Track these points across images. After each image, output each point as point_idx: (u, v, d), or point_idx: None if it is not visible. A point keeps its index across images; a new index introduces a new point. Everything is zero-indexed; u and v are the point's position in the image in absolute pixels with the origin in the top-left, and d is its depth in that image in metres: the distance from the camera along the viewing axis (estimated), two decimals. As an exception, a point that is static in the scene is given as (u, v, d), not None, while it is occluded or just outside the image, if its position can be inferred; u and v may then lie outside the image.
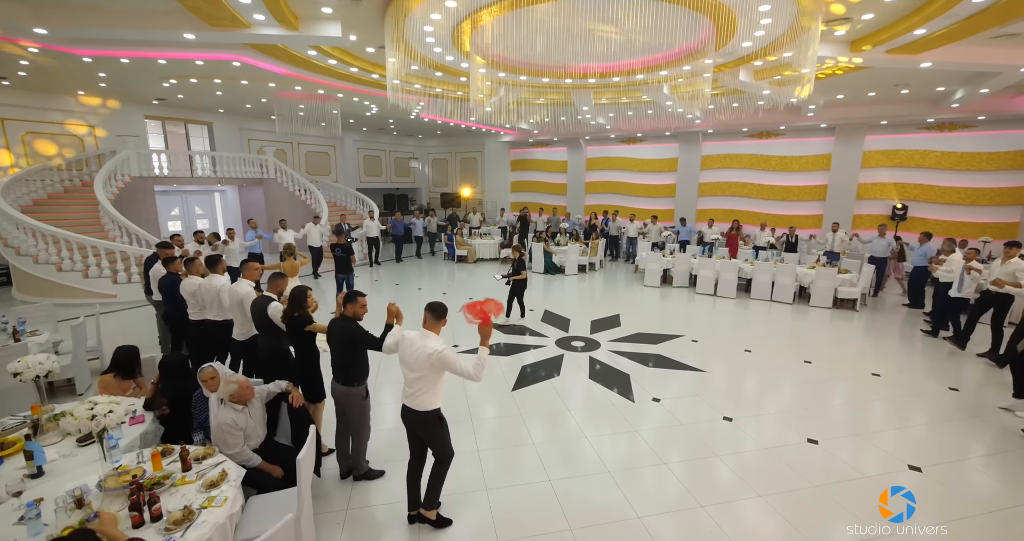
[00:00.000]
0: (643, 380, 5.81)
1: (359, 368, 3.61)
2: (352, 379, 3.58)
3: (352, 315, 3.61)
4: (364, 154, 20.48)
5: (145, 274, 6.40)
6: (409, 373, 3.14)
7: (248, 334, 4.65)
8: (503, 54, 7.64)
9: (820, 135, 13.56)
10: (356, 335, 3.56)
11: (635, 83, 9.32)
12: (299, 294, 3.89)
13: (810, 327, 8.14)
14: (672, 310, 9.23)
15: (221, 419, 3.23)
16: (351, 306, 3.60)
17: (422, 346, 3.07)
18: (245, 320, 4.57)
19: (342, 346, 3.56)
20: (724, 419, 4.86)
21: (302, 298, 3.91)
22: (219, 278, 5.15)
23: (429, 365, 3.02)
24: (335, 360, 3.61)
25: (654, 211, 15.65)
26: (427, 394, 3.12)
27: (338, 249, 8.47)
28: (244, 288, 4.60)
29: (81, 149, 12.85)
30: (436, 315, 3.18)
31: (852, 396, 5.45)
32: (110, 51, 7.67)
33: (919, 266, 8.95)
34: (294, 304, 3.88)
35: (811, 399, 5.35)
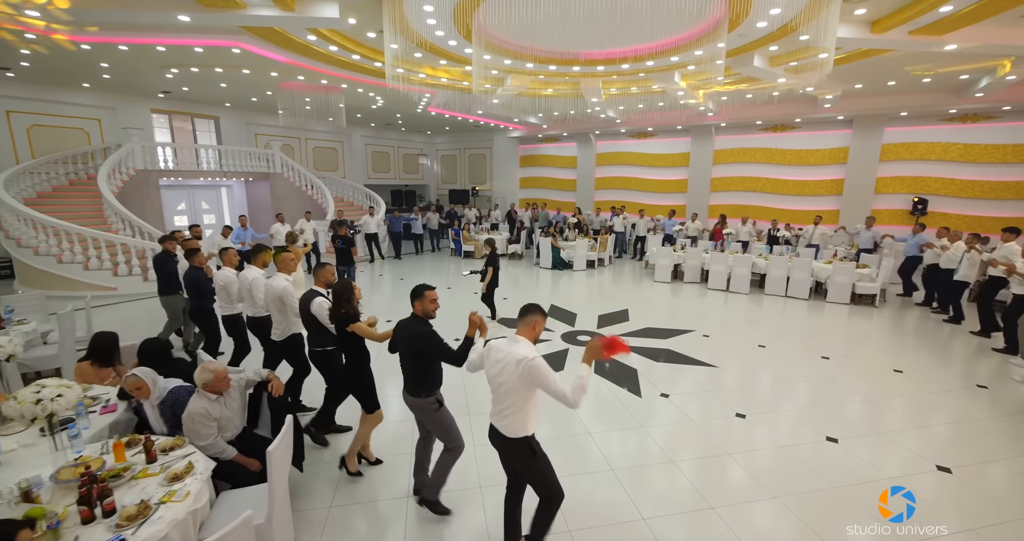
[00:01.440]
0: (652, 375, 5.52)
1: (430, 376, 3.09)
2: (420, 389, 3.07)
3: (423, 313, 3.09)
4: (372, 150, 20.34)
5: (161, 272, 6.11)
6: (495, 389, 2.64)
7: (286, 333, 4.31)
8: (507, 38, 7.37)
9: (837, 128, 13.11)
10: (431, 343, 2.98)
11: (645, 70, 9.01)
12: (343, 288, 3.47)
13: (827, 323, 7.77)
14: (683, 305, 8.90)
15: (193, 408, 3.00)
16: (419, 302, 3.08)
17: (510, 353, 2.52)
18: (283, 318, 4.25)
19: (410, 352, 3.05)
20: (737, 416, 4.55)
21: (347, 292, 3.47)
22: (253, 271, 4.79)
23: (517, 377, 2.46)
24: (404, 366, 3.14)
25: (666, 207, 15.30)
26: (516, 416, 2.57)
27: (339, 240, 8.27)
28: (281, 283, 4.23)
29: (87, 142, 12.82)
30: (528, 315, 2.62)
31: (873, 393, 5.11)
32: (107, 37, 7.53)
33: (911, 255, 9.12)
34: (339, 300, 3.46)
35: (829, 396, 5.02)
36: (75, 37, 7.48)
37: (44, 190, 11.66)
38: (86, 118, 12.78)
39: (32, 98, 11.70)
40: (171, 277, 6.06)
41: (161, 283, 6.09)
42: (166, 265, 6.01)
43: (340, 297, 3.46)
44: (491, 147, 20.76)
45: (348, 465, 3.62)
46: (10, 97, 11.40)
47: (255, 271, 4.81)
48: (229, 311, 5.14)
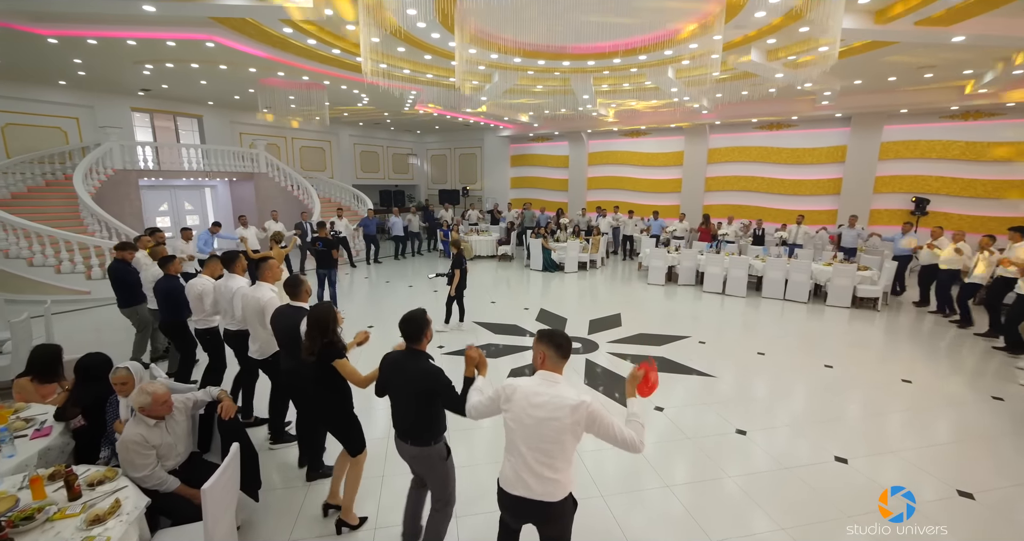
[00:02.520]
0: (644, 386, 5.19)
1: (435, 421, 2.56)
2: (428, 436, 2.54)
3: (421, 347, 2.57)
4: (361, 150, 19.96)
5: (120, 283, 5.60)
6: (532, 443, 2.04)
7: (268, 351, 3.85)
8: (492, 31, 7.05)
9: (835, 125, 12.86)
10: (440, 382, 2.46)
11: (637, 64, 8.70)
12: (322, 315, 2.88)
13: (828, 328, 7.49)
14: (677, 309, 8.60)
15: (127, 436, 2.65)
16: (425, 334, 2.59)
17: (556, 398, 2.00)
18: (265, 333, 3.76)
19: (415, 393, 2.51)
20: (737, 432, 4.24)
21: (330, 319, 2.89)
22: (237, 280, 4.28)
23: (572, 425, 1.98)
24: (397, 410, 2.61)
25: (662, 207, 15.01)
26: (565, 472, 2.08)
27: (319, 243, 7.87)
28: (267, 293, 3.77)
29: (65, 142, 12.40)
30: (562, 351, 2.10)
31: (882, 406, 4.81)
32: (74, 30, 7.16)
33: (901, 255, 9.12)
34: (319, 329, 2.85)
35: (835, 409, 4.72)
36: (40, 30, 7.12)
37: (19, 191, 11.25)
38: (63, 117, 12.35)
39: (6, 96, 11.27)
40: (132, 288, 5.59)
41: (121, 296, 5.61)
42: (125, 276, 5.55)
43: (322, 325, 2.87)
44: (481, 146, 20.42)
45: (347, 520, 3.07)
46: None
47: (239, 280, 4.29)
48: (204, 324, 4.59)
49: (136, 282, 5.60)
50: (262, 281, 3.88)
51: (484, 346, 6.44)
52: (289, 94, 11.68)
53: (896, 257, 9.14)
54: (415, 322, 2.55)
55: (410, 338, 2.57)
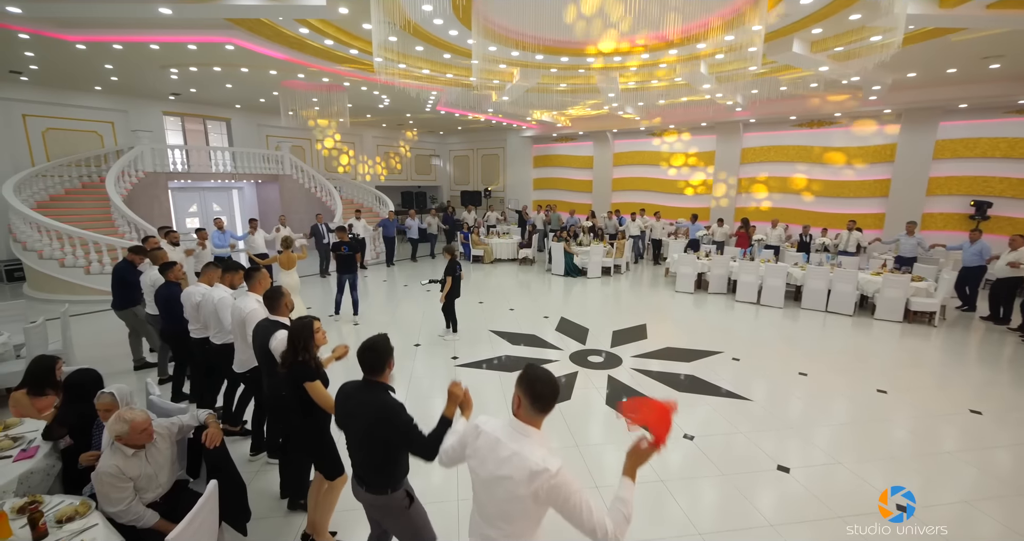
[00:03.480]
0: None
1: (391, 464, 2.20)
2: (383, 483, 2.20)
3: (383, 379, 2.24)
4: (384, 151, 19.97)
5: (120, 283, 5.55)
6: (490, 499, 1.72)
7: (248, 365, 3.71)
8: (512, 26, 6.71)
9: (883, 122, 11.96)
10: (399, 424, 2.09)
11: (667, 60, 8.21)
12: (300, 329, 2.68)
13: (878, 345, 6.84)
14: (708, 320, 8.07)
15: (102, 467, 2.44)
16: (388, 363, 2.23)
17: (517, 457, 1.64)
18: (246, 346, 3.59)
19: (369, 435, 2.16)
20: (779, 469, 3.78)
21: (305, 336, 2.68)
22: (219, 290, 4.17)
23: (530, 495, 1.60)
24: (350, 449, 2.27)
25: (689, 210, 14.38)
26: (528, 536, 1.72)
27: (344, 247, 7.60)
28: (250, 304, 3.57)
29: (100, 145, 12.76)
30: (540, 404, 1.70)
31: (950, 441, 4.24)
32: (99, 36, 7.22)
33: (972, 266, 8.23)
34: (295, 346, 2.67)
35: (895, 445, 4.18)
36: (67, 36, 7.21)
37: (56, 193, 11.62)
38: (99, 121, 12.71)
39: (46, 102, 11.66)
40: (130, 289, 5.53)
41: (117, 296, 5.54)
42: (128, 275, 5.49)
43: (295, 341, 2.68)
44: (504, 147, 20.13)
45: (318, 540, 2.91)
46: (25, 101, 11.38)
47: (222, 290, 4.18)
48: (200, 334, 4.40)
49: (135, 284, 5.53)
50: (250, 291, 3.69)
51: (498, 358, 6.12)
52: (311, 97, 11.69)
53: (967, 269, 8.24)
54: (375, 351, 2.18)
55: (370, 369, 2.21)
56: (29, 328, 5.02)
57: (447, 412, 2.15)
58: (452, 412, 2.15)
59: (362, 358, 2.19)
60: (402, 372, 5.67)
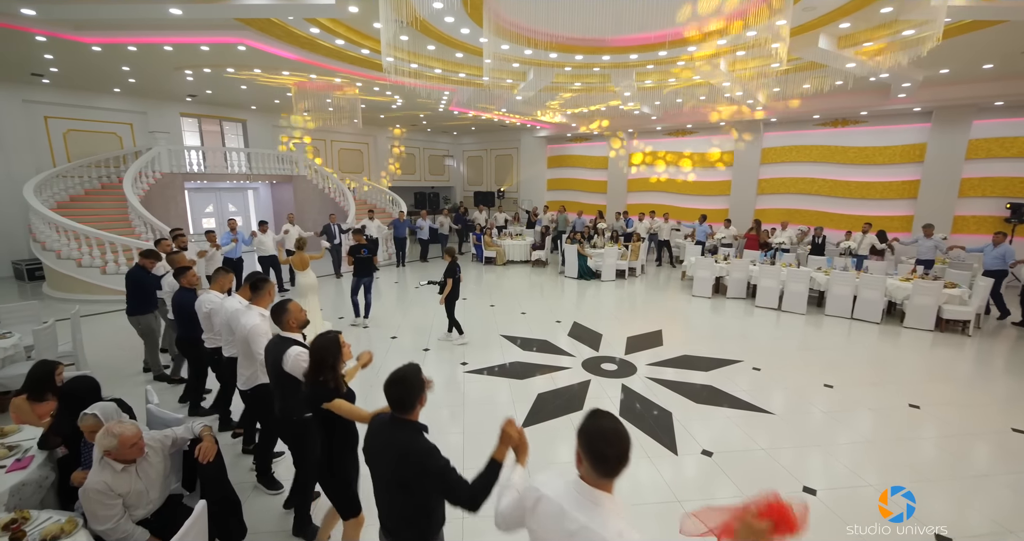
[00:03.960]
0: (690, 422, 4.55)
1: (422, 515, 1.92)
2: (407, 536, 1.95)
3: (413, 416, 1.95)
4: (398, 152, 19.98)
5: (136, 288, 5.43)
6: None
7: (253, 381, 3.45)
8: (525, 23, 6.54)
9: (912, 121, 11.49)
10: (433, 470, 1.82)
11: (685, 57, 7.95)
12: (327, 346, 2.41)
13: (909, 356, 6.50)
14: (727, 327, 7.79)
15: (89, 484, 2.34)
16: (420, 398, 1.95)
17: (587, 530, 1.37)
18: (251, 363, 3.39)
19: (396, 482, 1.88)
20: (805, 491, 3.54)
21: (331, 353, 2.42)
22: (233, 300, 3.85)
23: None
24: (376, 494, 2.02)
25: (709, 211, 14.03)
26: None
27: (363, 249, 7.34)
28: (252, 319, 3.35)
29: (120, 146, 12.94)
30: (604, 468, 1.40)
31: (992, 464, 3.95)
32: (113, 37, 7.25)
33: (993, 270, 7.87)
34: (319, 364, 2.40)
35: (931, 467, 3.89)
36: (83, 38, 7.26)
37: (76, 193, 11.79)
38: (118, 122, 12.90)
39: (67, 104, 11.86)
40: (146, 295, 5.44)
41: (132, 302, 5.40)
42: (142, 282, 5.39)
43: (322, 360, 2.41)
44: (518, 147, 19.96)
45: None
46: (47, 103, 11.58)
47: (235, 301, 3.84)
48: (214, 343, 4.21)
49: (148, 290, 5.44)
50: (254, 304, 3.47)
51: (511, 365, 5.95)
52: (325, 97, 11.68)
53: (988, 272, 7.93)
54: (404, 385, 1.89)
55: (398, 405, 1.92)
56: (38, 330, 5.00)
57: (497, 454, 1.87)
58: (503, 455, 1.88)
59: (389, 392, 1.89)
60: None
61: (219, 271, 4.31)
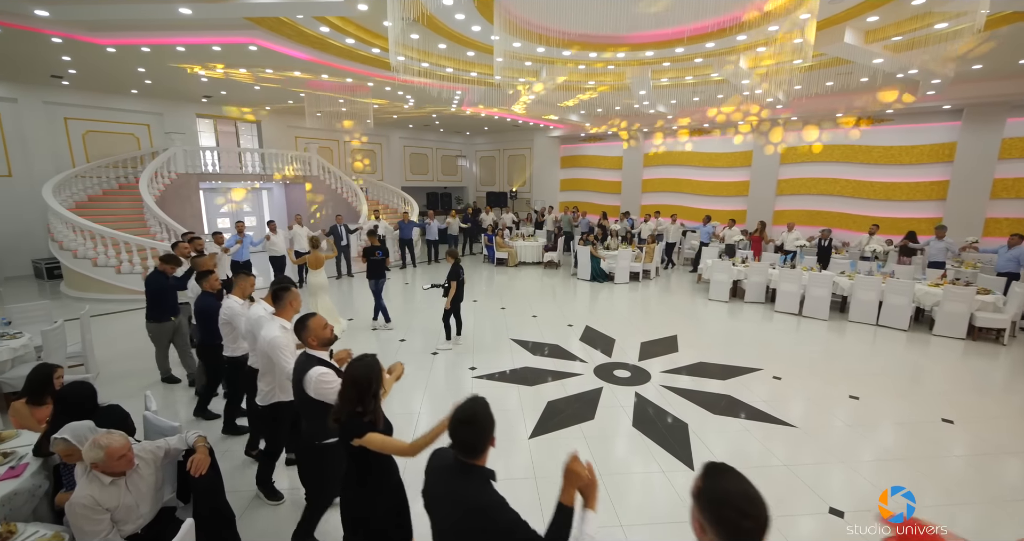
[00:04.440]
0: (707, 434, 4.34)
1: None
2: None
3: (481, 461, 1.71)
4: (411, 152, 19.99)
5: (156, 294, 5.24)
6: None
7: (271, 398, 3.22)
8: (537, 21, 6.38)
9: (941, 119, 11.05)
10: (502, 525, 1.58)
11: (703, 54, 7.71)
12: (366, 375, 2.10)
13: (940, 366, 6.18)
14: (745, 333, 7.53)
15: (76, 498, 2.24)
16: (489, 441, 1.70)
17: None
18: (269, 378, 3.19)
19: (450, 532, 1.73)
20: (832, 513, 3.32)
21: (371, 380, 2.11)
22: (258, 308, 3.54)
23: None
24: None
25: (725, 212, 13.70)
26: None
27: (378, 251, 7.17)
28: (272, 330, 3.06)
29: (137, 147, 13.11)
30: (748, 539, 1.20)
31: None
32: (126, 38, 7.28)
33: (1006, 272, 7.82)
34: (358, 392, 2.08)
35: (967, 488, 3.63)
36: (98, 39, 7.30)
37: (95, 194, 11.97)
38: (136, 123, 13.08)
39: (86, 105, 12.05)
40: (165, 301, 5.25)
41: (152, 308, 5.21)
42: (161, 288, 5.22)
43: (361, 389, 2.08)
44: (531, 147, 19.81)
45: None
46: (67, 104, 11.78)
47: (261, 308, 3.54)
48: (232, 352, 4.00)
49: (168, 296, 5.28)
50: (277, 314, 3.22)
51: (520, 370, 5.79)
52: (337, 98, 11.66)
53: (1000, 274, 7.78)
54: (475, 426, 1.66)
55: (467, 449, 1.67)
56: (46, 331, 4.99)
57: (565, 498, 1.65)
58: (572, 498, 1.66)
59: (457, 434, 1.66)
60: (417, 382, 5.43)
61: (240, 275, 4.07)
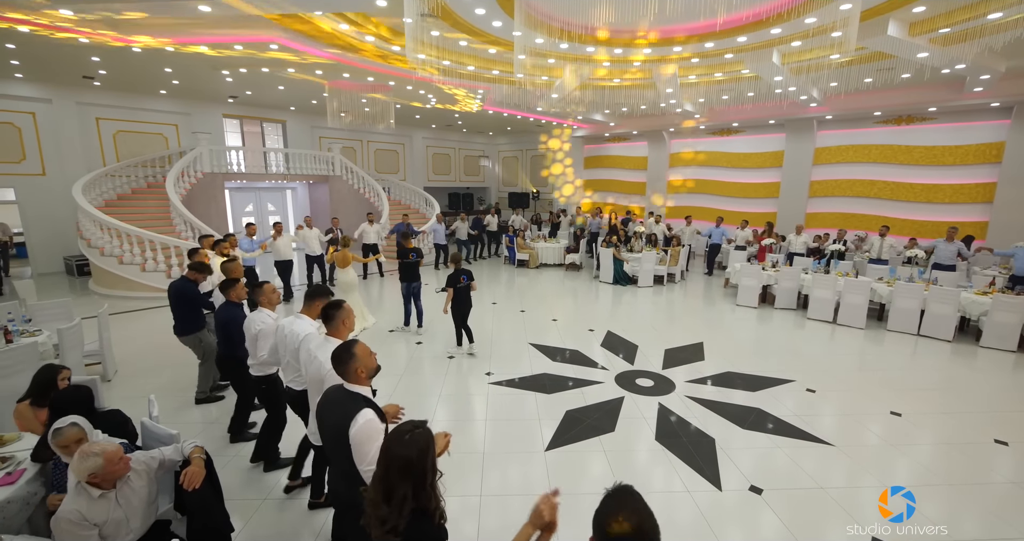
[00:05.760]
0: (735, 451, 4.06)
1: None
2: None
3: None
4: (433, 152, 19.99)
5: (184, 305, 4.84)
6: None
7: None
8: (560, 16, 6.16)
9: (988, 117, 10.39)
10: None
11: (734, 48, 7.37)
12: (414, 453, 1.54)
13: (989, 380, 5.72)
14: (775, 341, 7.15)
15: (62, 512, 2.12)
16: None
17: None
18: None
19: None
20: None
21: (424, 463, 1.55)
22: (304, 323, 3.16)
23: None
24: None
25: (753, 214, 13.21)
26: None
27: (412, 254, 6.90)
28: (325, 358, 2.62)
29: (165, 147, 13.40)
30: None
31: (1104, 519, 3.29)
32: (151, 36, 7.35)
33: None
34: (402, 476, 1.52)
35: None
36: (123, 39, 7.41)
37: (124, 192, 12.25)
38: (165, 124, 13.37)
39: (117, 105, 12.36)
40: (197, 311, 4.89)
41: (181, 320, 4.80)
42: (190, 297, 4.81)
43: (415, 472, 1.53)
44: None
45: None
46: (98, 105, 12.10)
47: (307, 323, 3.15)
48: (261, 371, 3.62)
49: (197, 306, 4.91)
50: (330, 335, 2.77)
51: (538, 377, 5.58)
52: (360, 97, 11.67)
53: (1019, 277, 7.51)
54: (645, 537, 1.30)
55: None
56: (63, 329, 4.99)
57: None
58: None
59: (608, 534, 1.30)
60: (432, 388, 5.28)
61: (265, 284, 3.78)
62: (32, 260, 11.84)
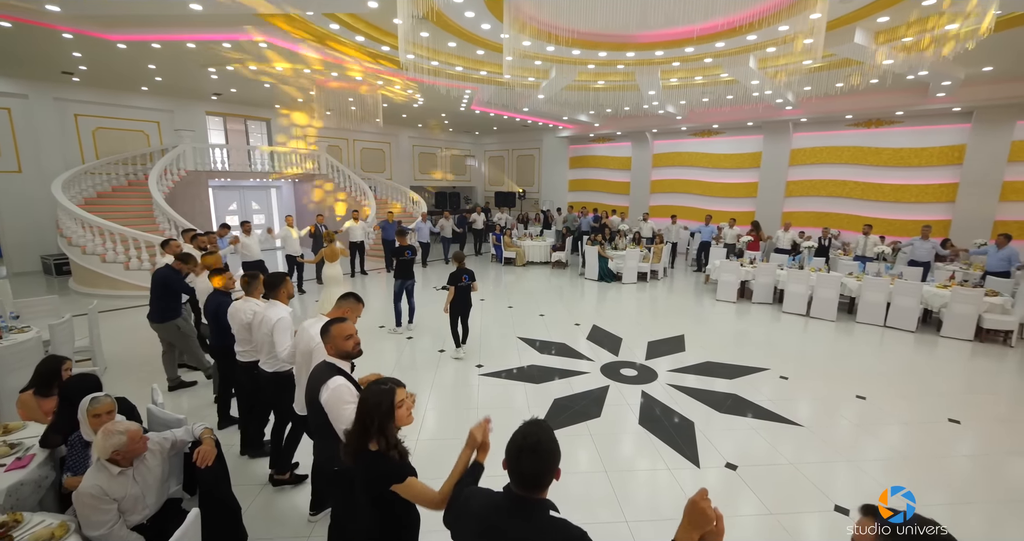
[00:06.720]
0: (712, 433, 4.32)
1: None
2: None
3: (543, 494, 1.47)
4: (419, 151, 20.02)
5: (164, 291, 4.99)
6: None
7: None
8: (546, 19, 6.38)
9: (951, 121, 10.96)
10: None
11: (713, 53, 7.69)
12: (376, 404, 1.82)
13: (946, 367, 6.13)
14: (752, 333, 7.49)
15: (84, 487, 2.25)
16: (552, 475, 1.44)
17: None
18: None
19: None
20: (837, 510, 3.30)
21: (381, 414, 1.81)
22: (279, 308, 3.43)
23: None
24: None
25: (732, 213, 13.63)
26: None
27: (407, 251, 6.97)
28: (314, 331, 2.83)
29: (147, 144, 13.20)
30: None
31: (1043, 486, 3.64)
32: (137, 34, 7.34)
33: (995, 271, 7.99)
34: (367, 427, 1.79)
35: (973, 488, 3.61)
36: (109, 35, 7.37)
37: (104, 190, 12.04)
38: (146, 120, 13.16)
39: (96, 102, 12.12)
40: (174, 299, 5.04)
41: (156, 306, 4.96)
42: (173, 285, 4.98)
43: (366, 420, 1.79)
44: (540, 147, 19.82)
45: None
46: (76, 101, 11.86)
47: (281, 309, 3.41)
48: (249, 357, 3.72)
49: (179, 295, 5.15)
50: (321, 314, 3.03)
51: (527, 368, 5.78)
52: (348, 96, 11.70)
53: (989, 273, 7.98)
54: (541, 455, 1.40)
55: (531, 482, 1.43)
56: (54, 325, 5.03)
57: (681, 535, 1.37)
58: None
59: (519, 465, 1.41)
60: (423, 380, 5.44)
61: (255, 277, 3.91)
62: (7, 259, 11.58)
